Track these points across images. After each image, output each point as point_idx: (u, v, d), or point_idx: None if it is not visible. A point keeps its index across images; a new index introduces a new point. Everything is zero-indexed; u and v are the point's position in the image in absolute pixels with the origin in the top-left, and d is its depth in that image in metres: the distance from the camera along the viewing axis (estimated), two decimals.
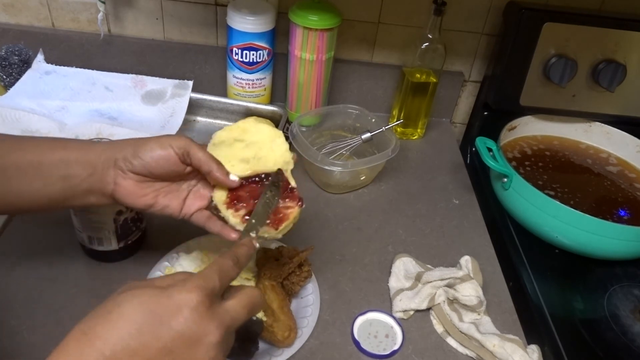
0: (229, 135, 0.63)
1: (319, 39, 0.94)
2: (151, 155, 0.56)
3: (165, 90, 0.99)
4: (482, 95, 1.10)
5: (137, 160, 0.56)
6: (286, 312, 0.66)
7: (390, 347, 0.69)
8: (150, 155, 0.56)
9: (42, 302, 0.68)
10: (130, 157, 0.56)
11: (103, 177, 0.56)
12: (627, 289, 0.82)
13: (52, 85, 0.94)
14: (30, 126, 0.83)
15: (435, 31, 0.96)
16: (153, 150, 0.56)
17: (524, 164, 0.99)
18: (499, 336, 0.69)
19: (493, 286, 0.79)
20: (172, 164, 0.57)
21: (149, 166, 0.56)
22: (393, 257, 0.80)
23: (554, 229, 0.83)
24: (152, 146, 0.56)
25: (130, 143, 0.57)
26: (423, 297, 0.73)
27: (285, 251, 0.72)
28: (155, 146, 0.56)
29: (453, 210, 0.93)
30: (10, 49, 0.97)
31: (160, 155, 0.56)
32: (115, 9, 1.03)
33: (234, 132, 0.64)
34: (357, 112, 0.99)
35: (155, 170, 0.57)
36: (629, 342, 0.74)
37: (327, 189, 0.93)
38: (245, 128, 0.64)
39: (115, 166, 0.56)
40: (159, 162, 0.56)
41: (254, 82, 1.01)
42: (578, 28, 0.95)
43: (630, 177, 1.00)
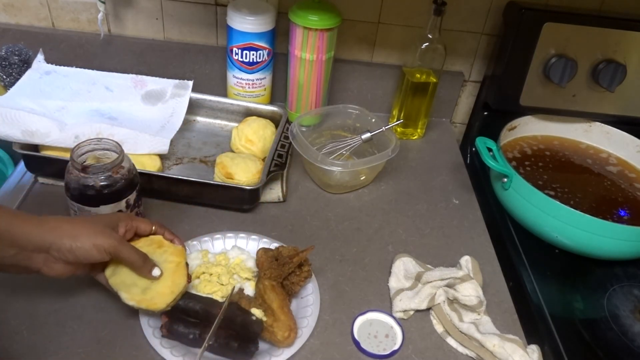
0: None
1: (319, 39, 0.93)
2: (85, 255, 0.59)
3: (165, 90, 0.99)
4: (482, 95, 1.10)
5: (71, 255, 0.58)
6: (286, 312, 0.66)
7: (390, 347, 0.69)
8: (85, 255, 0.59)
9: (42, 302, 0.68)
10: (64, 250, 0.58)
11: (31, 258, 0.58)
12: (627, 289, 0.82)
13: (52, 85, 0.94)
14: (30, 126, 0.83)
15: (435, 31, 0.96)
16: (88, 251, 0.59)
17: (524, 164, 0.99)
18: (499, 336, 0.69)
19: (493, 286, 0.79)
20: (101, 260, 0.61)
21: (80, 260, 0.59)
22: (393, 257, 0.80)
23: (554, 229, 0.83)
24: (87, 247, 0.59)
25: (65, 232, 0.59)
26: (423, 297, 0.73)
27: (285, 251, 0.72)
28: (89, 247, 0.59)
29: (453, 210, 0.93)
30: (10, 49, 0.97)
31: (93, 256, 0.59)
32: (115, 9, 1.03)
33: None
34: (357, 112, 0.99)
35: (84, 262, 0.60)
36: (629, 342, 0.74)
37: (327, 189, 0.93)
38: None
39: (48, 253, 0.58)
40: (90, 259, 0.60)
41: (254, 82, 1.01)
42: (578, 28, 0.95)
43: (630, 177, 1.00)
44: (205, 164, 0.94)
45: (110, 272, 0.63)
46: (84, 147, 0.69)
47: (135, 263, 0.62)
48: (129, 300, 0.62)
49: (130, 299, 0.62)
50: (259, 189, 0.84)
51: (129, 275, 0.63)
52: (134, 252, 0.62)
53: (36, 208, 0.81)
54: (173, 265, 0.64)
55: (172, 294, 0.63)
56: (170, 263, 0.64)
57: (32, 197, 0.83)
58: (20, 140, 0.83)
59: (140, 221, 0.67)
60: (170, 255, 0.65)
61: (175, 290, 0.63)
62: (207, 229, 0.81)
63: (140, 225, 0.66)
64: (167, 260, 0.65)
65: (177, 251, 0.66)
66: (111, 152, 0.70)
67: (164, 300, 0.62)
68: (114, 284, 0.62)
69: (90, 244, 0.58)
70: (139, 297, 0.62)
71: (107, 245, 0.59)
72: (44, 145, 0.84)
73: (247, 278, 0.72)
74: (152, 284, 0.63)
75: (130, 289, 0.62)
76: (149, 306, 0.62)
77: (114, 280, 0.63)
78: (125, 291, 0.62)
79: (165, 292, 0.62)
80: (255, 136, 0.94)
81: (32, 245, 0.57)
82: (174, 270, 0.64)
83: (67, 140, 0.84)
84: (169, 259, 0.65)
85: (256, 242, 0.78)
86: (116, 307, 0.68)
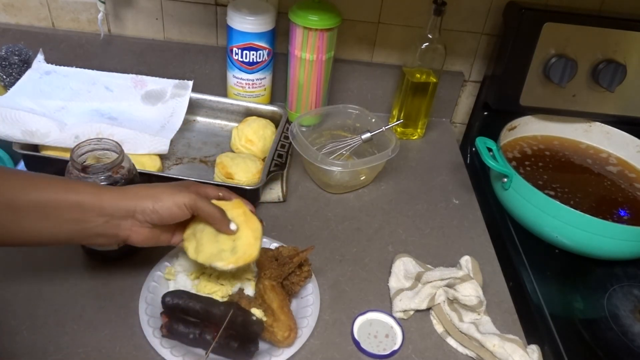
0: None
1: (319, 39, 0.93)
2: (169, 213, 0.62)
3: (165, 90, 0.99)
4: (482, 95, 1.10)
5: (155, 215, 0.61)
6: (286, 312, 0.66)
7: (390, 347, 0.69)
8: (168, 213, 0.62)
9: (42, 302, 0.68)
10: (149, 211, 0.61)
11: (119, 225, 0.61)
12: (627, 289, 0.82)
13: (52, 85, 0.94)
14: (30, 126, 0.83)
15: (435, 31, 0.96)
16: (170, 209, 0.62)
17: (524, 164, 0.99)
18: (499, 336, 0.69)
19: (493, 286, 0.79)
20: (183, 217, 0.63)
21: (164, 219, 0.62)
22: (393, 257, 0.80)
23: (554, 229, 0.83)
24: (168, 205, 0.62)
25: (147, 195, 0.62)
26: (423, 297, 0.73)
27: (285, 251, 0.72)
28: (171, 205, 0.62)
29: (453, 210, 0.93)
30: (10, 49, 0.97)
31: (175, 213, 0.62)
32: (115, 9, 1.03)
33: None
34: (357, 112, 0.99)
35: (168, 221, 0.63)
36: (629, 342, 0.74)
37: (327, 189, 0.93)
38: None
39: (134, 217, 0.61)
40: (174, 217, 0.63)
41: (254, 82, 1.01)
42: (578, 28, 0.95)
43: (630, 177, 1.00)
44: (205, 164, 0.94)
45: (193, 251, 0.65)
46: (84, 147, 0.69)
47: (214, 216, 0.64)
48: (227, 266, 0.63)
49: (227, 264, 0.63)
50: (259, 189, 0.84)
51: (210, 244, 0.64)
52: (211, 206, 0.64)
53: None
54: (242, 217, 0.66)
55: (257, 239, 0.65)
56: (238, 216, 0.66)
57: None
58: (20, 140, 0.83)
59: (208, 187, 0.68)
60: (233, 210, 0.67)
61: (258, 235, 0.65)
62: None
63: (208, 191, 0.68)
64: (232, 216, 0.66)
65: (236, 204, 0.67)
66: (111, 152, 0.70)
67: (255, 248, 0.64)
68: (204, 260, 0.64)
69: (171, 202, 0.61)
70: (233, 258, 0.63)
71: (187, 200, 0.62)
72: (44, 145, 0.84)
73: (247, 278, 0.72)
74: (235, 241, 0.65)
75: (220, 256, 0.64)
76: (247, 260, 0.64)
77: (202, 258, 0.64)
78: (218, 260, 0.63)
79: (251, 241, 0.65)
80: (255, 136, 0.94)
81: (120, 212, 0.60)
82: (245, 220, 0.66)
83: (67, 140, 0.84)
84: (234, 213, 0.66)
85: None
86: (116, 307, 0.68)
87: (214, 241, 0.65)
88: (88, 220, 0.59)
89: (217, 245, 0.64)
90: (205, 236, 0.65)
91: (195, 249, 0.65)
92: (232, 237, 0.65)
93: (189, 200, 0.62)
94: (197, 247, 0.65)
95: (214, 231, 0.65)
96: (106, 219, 0.59)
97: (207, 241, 0.65)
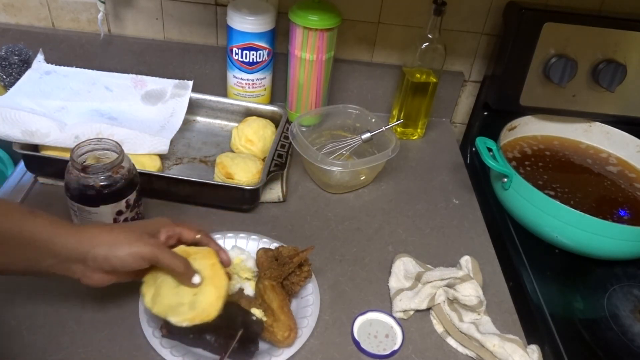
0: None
1: (319, 39, 0.93)
2: (121, 264, 0.58)
3: (165, 90, 0.99)
4: (482, 95, 1.10)
5: (107, 264, 0.57)
6: (286, 312, 0.66)
7: (390, 347, 0.69)
8: (121, 264, 0.57)
9: (42, 302, 0.68)
10: (101, 259, 0.57)
11: (70, 268, 0.57)
12: (627, 289, 0.82)
13: (52, 85, 0.94)
14: (30, 126, 0.83)
15: (435, 31, 0.96)
16: (124, 260, 0.57)
17: (524, 164, 0.99)
18: (499, 336, 0.69)
19: (493, 286, 0.79)
20: (139, 267, 0.59)
21: (117, 269, 0.58)
22: (393, 257, 0.80)
23: (554, 229, 0.83)
24: (123, 255, 0.57)
25: (103, 241, 0.57)
26: (423, 297, 0.73)
27: (285, 251, 0.72)
28: (126, 256, 0.57)
29: (453, 210, 0.93)
30: (10, 49, 0.97)
31: (130, 264, 0.58)
32: (115, 9, 1.03)
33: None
34: (357, 112, 0.99)
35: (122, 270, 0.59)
36: (629, 342, 0.74)
37: (327, 189, 0.93)
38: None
39: (84, 263, 0.57)
40: (127, 268, 0.58)
41: (254, 82, 1.01)
42: (578, 28, 0.95)
43: (630, 177, 1.00)
44: (205, 164, 0.94)
45: (150, 300, 0.61)
46: (84, 147, 0.69)
47: (177, 269, 0.59)
48: (181, 322, 0.59)
49: (182, 320, 0.59)
50: (259, 189, 0.84)
51: (169, 295, 0.60)
52: (174, 258, 0.59)
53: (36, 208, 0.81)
54: (209, 269, 0.61)
55: (220, 298, 0.60)
56: (205, 268, 0.61)
57: (32, 197, 0.83)
58: (20, 140, 0.83)
59: (184, 227, 0.64)
60: (202, 261, 0.62)
61: (222, 294, 0.60)
62: (207, 229, 0.80)
63: (184, 232, 0.64)
64: (200, 267, 0.61)
65: (207, 254, 0.63)
66: (111, 152, 0.70)
67: (214, 307, 0.60)
68: (159, 312, 0.60)
69: (126, 252, 0.57)
70: (190, 314, 0.59)
71: (145, 253, 0.58)
72: (44, 145, 0.84)
73: (247, 278, 0.72)
74: (196, 296, 0.60)
75: (177, 311, 0.59)
76: (204, 319, 0.59)
77: (157, 309, 0.60)
78: (174, 315, 0.59)
79: (212, 299, 0.60)
80: (255, 136, 0.94)
81: (70, 256, 0.56)
82: (213, 274, 0.61)
83: (67, 140, 0.84)
84: (202, 264, 0.62)
85: (256, 242, 0.78)
86: (116, 307, 0.68)
87: (174, 292, 0.60)
88: (39, 259, 0.56)
89: (176, 297, 0.60)
90: (165, 285, 0.61)
91: (152, 297, 0.61)
92: (194, 290, 0.60)
93: (147, 252, 0.58)
94: (155, 296, 0.60)
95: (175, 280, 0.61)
96: (57, 261, 0.56)
97: (167, 291, 0.60)
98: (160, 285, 0.61)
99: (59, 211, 0.79)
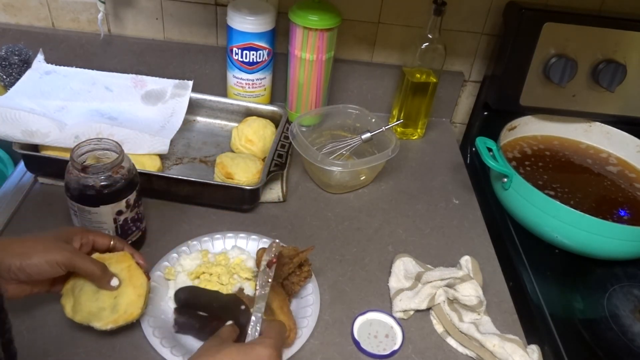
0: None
1: (319, 39, 0.93)
2: (38, 271, 0.57)
3: (165, 90, 0.99)
4: (482, 95, 1.10)
5: (22, 273, 0.56)
6: (286, 312, 0.66)
7: (390, 347, 0.69)
8: (37, 271, 0.57)
9: (42, 302, 0.68)
10: (15, 269, 0.56)
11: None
12: (627, 289, 0.82)
13: (52, 85, 0.94)
14: (30, 126, 0.83)
15: (435, 31, 0.96)
16: (40, 267, 0.57)
17: (524, 164, 0.99)
18: (499, 336, 0.69)
19: (493, 286, 0.79)
20: (56, 274, 0.59)
21: (33, 277, 0.57)
22: (393, 257, 0.80)
23: (554, 229, 0.83)
24: (38, 263, 0.56)
25: (15, 252, 0.56)
26: (423, 297, 0.73)
27: (285, 251, 0.72)
28: (42, 263, 0.57)
29: (453, 210, 0.93)
30: (10, 49, 0.97)
31: (47, 271, 0.57)
32: (115, 9, 1.03)
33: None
34: (357, 112, 0.99)
35: (39, 279, 0.59)
36: (629, 342, 0.74)
37: (327, 189, 0.93)
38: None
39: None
40: (44, 275, 0.58)
41: (254, 82, 1.01)
42: (578, 28, 0.95)
43: (630, 177, 1.00)
44: (205, 164, 0.94)
45: (70, 310, 0.61)
46: (84, 147, 0.69)
47: (94, 273, 0.60)
48: (105, 326, 0.60)
49: (105, 324, 0.60)
50: (259, 189, 0.84)
51: (89, 302, 0.61)
52: (90, 262, 0.60)
53: (36, 208, 0.81)
54: (125, 272, 0.63)
55: (141, 297, 0.62)
56: (121, 271, 0.63)
57: (32, 197, 0.83)
58: (20, 140, 0.83)
59: (98, 235, 0.65)
60: (117, 264, 0.63)
61: (142, 292, 0.62)
62: (207, 229, 0.81)
63: (98, 239, 0.64)
64: (116, 271, 0.63)
65: (120, 257, 0.64)
66: (111, 152, 0.70)
67: (137, 306, 0.61)
68: (82, 320, 0.60)
69: (42, 259, 0.57)
70: (112, 317, 0.60)
71: (61, 258, 0.57)
72: (44, 145, 0.84)
73: (247, 278, 0.72)
74: (116, 298, 0.61)
75: (99, 316, 0.60)
76: (127, 319, 0.61)
77: (79, 317, 0.61)
78: (97, 320, 0.60)
79: (133, 299, 0.61)
80: (255, 136, 0.94)
81: None
82: (130, 275, 0.63)
83: (67, 140, 0.84)
84: (118, 267, 0.63)
85: (256, 242, 0.78)
86: None
87: (94, 298, 0.61)
88: None
89: (96, 303, 0.61)
90: (84, 293, 0.61)
91: (72, 307, 0.61)
92: (113, 294, 0.61)
93: (63, 258, 0.57)
94: (75, 305, 0.61)
95: (94, 287, 0.62)
96: None
97: (86, 298, 0.61)
98: (79, 295, 0.62)
99: (59, 211, 0.79)
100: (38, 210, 0.81)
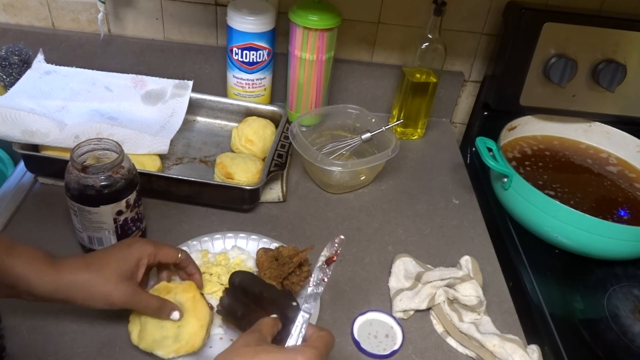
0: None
1: (319, 39, 0.93)
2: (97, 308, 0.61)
3: (165, 90, 0.99)
4: (482, 95, 1.10)
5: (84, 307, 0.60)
6: None
7: (390, 347, 0.69)
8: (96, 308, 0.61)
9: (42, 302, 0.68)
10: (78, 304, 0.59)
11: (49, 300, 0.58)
12: (627, 289, 0.82)
13: (52, 85, 0.94)
14: (30, 126, 0.83)
15: (435, 31, 0.96)
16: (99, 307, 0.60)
17: (524, 164, 0.99)
18: (499, 336, 0.69)
19: (493, 286, 0.79)
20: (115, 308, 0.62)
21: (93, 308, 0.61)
22: (393, 257, 0.80)
23: (554, 229, 0.83)
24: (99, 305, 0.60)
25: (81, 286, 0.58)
26: (423, 297, 0.73)
27: (285, 251, 0.72)
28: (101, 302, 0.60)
29: (453, 210, 0.93)
30: (10, 49, 0.97)
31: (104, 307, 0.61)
32: (115, 9, 1.03)
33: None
34: (357, 112, 0.99)
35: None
36: (629, 342, 0.74)
37: (327, 189, 0.93)
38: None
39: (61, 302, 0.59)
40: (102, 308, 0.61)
41: (254, 82, 1.01)
42: (578, 28, 0.95)
43: (630, 177, 1.00)
44: (205, 164, 0.94)
45: (136, 337, 0.63)
46: (84, 147, 0.69)
47: (153, 311, 0.62)
48: (167, 355, 0.61)
49: (168, 353, 0.61)
50: (259, 189, 0.84)
51: (154, 331, 0.62)
52: (149, 300, 0.62)
53: (36, 208, 0.81)
54: (190, 302, 0.64)
55: (203, 327, 0.63)
56: (186, 301, 0.64)
57: (32, 197, 0.83)
58: (20, 140, 0.83)
59: (166, 250, 0.65)
60: (182, 295, 0.65)
61: (204, 324, 0.63)
62: (207, 229, 0.81)
63: (164, 256, 0.65)
64: (181, 300, 0.64)
65: (186, 287, 0.65)
66: (111, 152, 0.70)
67: (198, 337, 0.62)
68: (146, 347, 0.62)
69: (101, 302, 0.59)
70: (175, 347, 0.61)
71: (121, 302, 0.60)
72: (44, 145, 0.84)
73: None
74: (180, 328, 0.62)
75: (162, 344, 0.62)
76: (189, 350, 0.62)
77: (144, 345, 0.62)
78: (159, 348, 0.62)
79: (195, 329, 0.62)
80: (255, 136, 0.94)
81: (46, 296, 0.57)
82: (194, 306, 0.64)
83: (67, 140, 0.84)
84: (182, 298, 0.64)
85: (256, 242, 0.78)
86: None
87: (159, 326, 0.62)
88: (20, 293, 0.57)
89: (160, 331, 0.62)
90: (149, 321, 0.63)
91: (138, 334, 0.63)
92: (177, 323, 0.63)
93: (123, 297, 0.59)
94: (141, 332, 0.63)
95: None
96: (35, 298, 0.57)
97: (152, 326, 0.63)
98: (145, 322, 0.63)
99: (59, 211, 0.79)
100: (38, 210, 0.81)
